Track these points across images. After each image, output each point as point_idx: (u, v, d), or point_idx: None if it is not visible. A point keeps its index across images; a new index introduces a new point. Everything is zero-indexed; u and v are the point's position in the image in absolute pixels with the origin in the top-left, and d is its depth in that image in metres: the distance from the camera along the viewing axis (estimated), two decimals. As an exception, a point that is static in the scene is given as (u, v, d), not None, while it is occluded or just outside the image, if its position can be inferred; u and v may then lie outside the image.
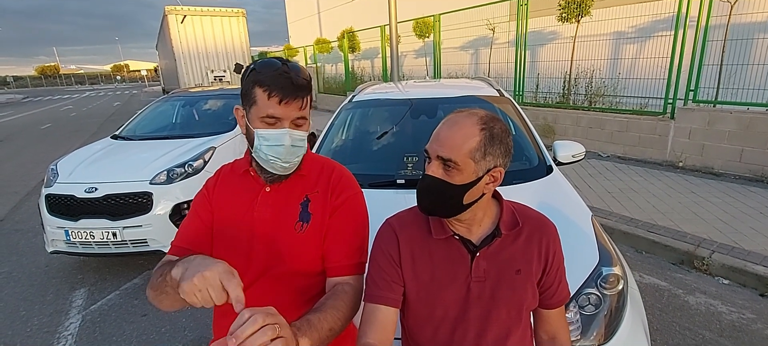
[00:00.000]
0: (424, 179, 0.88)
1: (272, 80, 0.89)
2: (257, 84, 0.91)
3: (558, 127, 6.53)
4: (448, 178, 0.85)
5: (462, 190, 0.85)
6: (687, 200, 3.99)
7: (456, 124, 0.85)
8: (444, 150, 0.84)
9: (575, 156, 2.32)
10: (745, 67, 4.84)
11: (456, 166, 0.83)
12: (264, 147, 0.93)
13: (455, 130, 0.84)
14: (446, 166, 0.84)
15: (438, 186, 0.86)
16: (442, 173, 0.85)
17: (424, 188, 0.88)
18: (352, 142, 2.62)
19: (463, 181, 0.84)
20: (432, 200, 0.89)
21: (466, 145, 0.83)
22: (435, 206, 0.89)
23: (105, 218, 3.06)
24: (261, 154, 0.94)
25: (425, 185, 0.88)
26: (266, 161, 0.95)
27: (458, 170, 0.84)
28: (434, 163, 0.86)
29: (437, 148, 0.85)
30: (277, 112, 0.90)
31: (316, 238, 1.00)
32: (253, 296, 0.99)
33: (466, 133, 0.83)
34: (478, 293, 0.91)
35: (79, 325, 2.72)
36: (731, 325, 2.42)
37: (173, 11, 11.91)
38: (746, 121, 4.56)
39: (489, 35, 8.43)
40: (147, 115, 4.76)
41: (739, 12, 4.88)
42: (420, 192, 0.90)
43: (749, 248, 3.02)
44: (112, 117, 15.57)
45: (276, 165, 0.95)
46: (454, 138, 0.84)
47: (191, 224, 1.04)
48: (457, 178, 0.84)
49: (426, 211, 0.92)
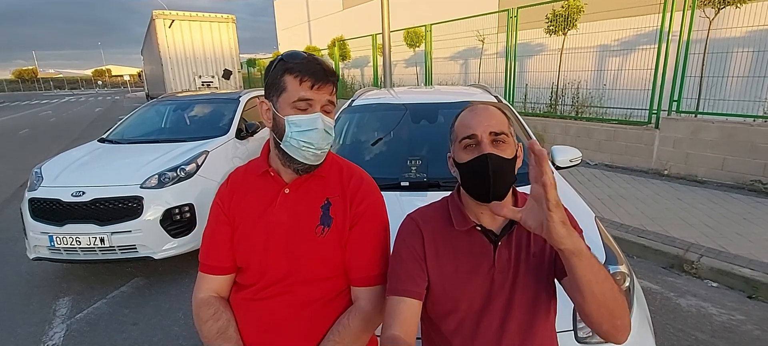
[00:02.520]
0: (489, 160, 0.84)
1: (303, 67, 0.89)
2: (287, 72, 0.90)
3: (547, 135, 6.66)
4: (501, 152, 0.87)
5: (513, 163, 0.89)
6: (674, 206, 4.10)
7: (486, 109, 0.91)
8: (494, 125, 0.87)
9: (572, 160, 2.37)
10: (723, 80, 5.05)
11: (506, 138, 0.88)
12: (296, 134, 0.91)
13: (491, 111, 0.90)
14: (497, 141, 0.87)
15: (502, 163, 0.86)
16: (496, 149, 0.87)
17: (495, 170, 0.85)
18: (355, 145, 2.61)
19: (511, 154, 0.89)
20: (502, 179, 0.86)
21: (504, 121, 0.90)
22: (504, 185, 0.88)
23: (92, 223, 2.96)
24: (293, 142, 0.92)
25: (494, 165, 0.84)
26: (298, 149, 0.93)
27: (507, 144, 0.88)
28: (485, 142, 0.86)
29: (487, 126, 0.87)
30: (309, 95, 0.90)
31: (336, 243, 0.99)
32: (269, 302, 0.98)
33: (499, 113, 0.90)
34: (501, 282, 0.91)
35: (64, 334, 2.61)
36: (722, 326, 2.48)
37: (161, 16, 11.76)
38: (728, 130, 4.74)
39: (478, 46, 8.59)
40: (136, 119, 4.65)
41: (718, 27, 5.10)
42: (494, 174, 0.85)
43: (735, 252, 3.11)
44: (94, 123, 15.17)
45: (308, 153, 0.93)
46: (495, 116, 0.89)
47: (214, 238, 1.03)
48: (508, 151, 0.88)
49: (495, 193, 0.86)
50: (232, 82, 13.37)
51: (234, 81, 13.42)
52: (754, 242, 3.26)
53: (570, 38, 6.60)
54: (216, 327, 0.97)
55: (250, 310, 1.00)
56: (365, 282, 1.00)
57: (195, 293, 1.04)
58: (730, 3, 4.84)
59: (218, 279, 1.03)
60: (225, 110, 4.49)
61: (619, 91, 6.16)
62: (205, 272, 1.03)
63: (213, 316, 0.98)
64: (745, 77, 4.95)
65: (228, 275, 1.04)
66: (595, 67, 6.78)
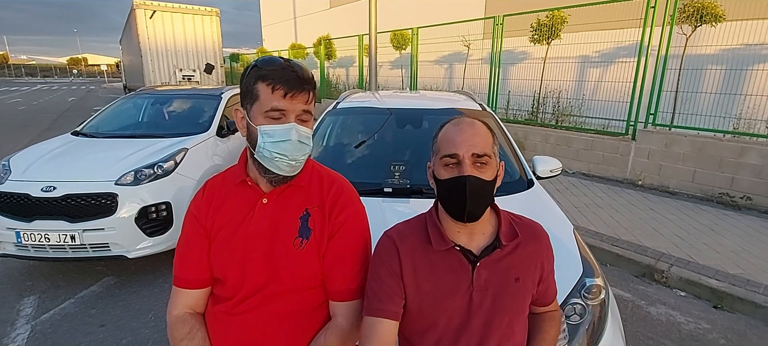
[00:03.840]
0: (468, 182, 0.85)
1: (276, 74, 0.86)
2: (260, 79, 0.87)
3: (528, 143, 6.78)
4: (481, 174, 0.86)
5: (492, 184, 0.88)
6: (647, 216, 4.24)
7: (473, 125, 0.89)
8: (478, 147, 0.86)
9: (553, 171, 2.41)
10: (697, 95, 5.25)
11: (489, 159, 0.87)
12: (268, 145, 0.88)
13: (476, 128, 0.89)
14: (480, 162, 0.86)
15: (481, 185, 0.86)
16: (477, 171, 0.86)
17: (472, 192, 0.85)
18: (338, 148, 2.59)
19: (492, 176, 0.88)
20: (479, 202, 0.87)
21: (489, 140, 0.88)
22: (481, 208, 0.89)
23: (63, 219, 2.84)
24: (265, 153, 0.89)
25: (472, 187, 0.85)
26: (271, 160, 0.90)
27: (488, 166, 0.87)
28: (467, 163, 0.86)
29: (471, 147, 0.86)
30: (282, 105, 0.87)
31: (315, 255, 0.97)
32: (248, 316, 0.96)
33: (485, 131, 0.89)
34: (479, 302, 0.91)
35: (27, 336, 2.49)
36: (690, 335, 2.57)
37: (142, 6, 11.40)
38: (699, 145, 4.93)
39: (464, 51, 8.68)
40: (112, 112, 4.50)
41: (694, 44, 5.31)
42: (471, 195, 0.85)
43: (703, 262, 3.24)
44: (67, 113, 14.61)
45: (281, 164, 0.90)
46: (480, 135, 0.88)
47: (189, 250, 0.99)
48: (488, 173, 0.87)
49: (471, 215, 0.88)
50: (215, 77, 13.09)
51: (216, 76, 13.14)
52: (720, 252, 3.40)
53: (553, 48, 6.75)
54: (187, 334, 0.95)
55: (229, 325, 0.97)
56: (343, 296, 0.99)
57: (169, 309, 1.00)
58: (706, 21, 5.05)
59: (194, 294, 1.00)
60: (206, 107, 4.39)
61: (598, 102, 6.34)
62: (181, 286, 1.00)
63: (188, 335, 0.95)
64: (717, 94, 5.17)
65: (204, 288, 1.01)
66: (576, 77, 6.95)
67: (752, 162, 4.56)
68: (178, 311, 0.99)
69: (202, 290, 1.01)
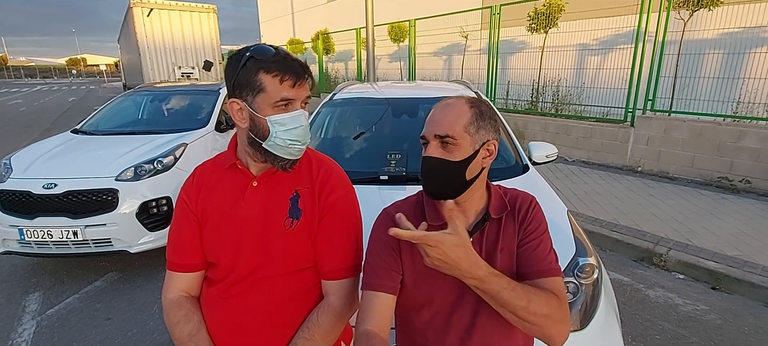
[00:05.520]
0: (425, 162, 0.91)
1: (281, 65, 0.89)
2: (263, 70, 0.88)
3: (527, 132, 6.78)
4: (448, 155, 0.88)
5: (463, 165, 0.89)
6: (646, 202, 4.25)
7: (448, 106, 0.91)
8: (441, 128, 0.89)
9: (548, 156, 2.43)
10: (696, 80, 5.23)
11: (454, 141, 0.88)
12: (281, 133, 0.91)
13: (448, 110, 0.91)
14: (444, 143, 0.89)
15: (440, 166, 0.89)
16: (442, 152, 0.89)
17: (428, 171, 0.91)
18: (335, 139, 2.61)
19: (463, 156, 0.89)
20: (438, 181, 0.91)
21: (461, 120, 0.89)
22: (441, 187, 0.91)
23: (65, 216, 2.87)
24: (278, 142, 0.91)
25: (428, 167, 0.90)
26: (285, 148, 0.93)
27: (456, 146, 0.88)
28: (432, 145, 0.90)
29: (434, 128, 0.89)
30: (291, 94, 0.90)
31: (306, 235, 0.99)
32: (240, 299, 0.98)
33: (459, 111, 0.90)
34: None
35: (34, 331, 2.54)
36: (687, 316, 2.60)
37: (139, 4, 11.37)
38: (697, 130, 4.93)
39: (462, 42, 8.65)
40: (112, 109, 4.52)
41: (692, 29, 5.28)
42: (424, 176, 0.92)
43: (701, 245, 3.25)
44: (67, 113, 14.65)
45: (294, 149, 0.94)
46: (449, 116, 0.89)
47: (181, 235, 1.01)
48: (457, 153, 0.88)
49: (433, 194, 0.93)
50: (213, 74, 13.09)
51: (215, 72, 13.14)
52: (718, 235, 3.42)
53: (551, 36, 6.72)
54: (187, 329, 0.97)
55: (222, 308, 0.99)
56: (334, 275, 1.01)
57: (164, 292, 1.02)
58: (704, 6, 5.01)
59: (187, 277, 1.02)
60: (204, 102, 4.41)
61: (597, 90, 6.32)
62: (174, 271, 1.02)
63: (184, 318, 0.98)
64: (715, 78, 5.15)
65: (197, 272, 1.03)
66: (575, 65, 6.93)
67: (751, 145, 4.56)
68: (172, 294, 1.01)
69: (195, 274, 1.03)
